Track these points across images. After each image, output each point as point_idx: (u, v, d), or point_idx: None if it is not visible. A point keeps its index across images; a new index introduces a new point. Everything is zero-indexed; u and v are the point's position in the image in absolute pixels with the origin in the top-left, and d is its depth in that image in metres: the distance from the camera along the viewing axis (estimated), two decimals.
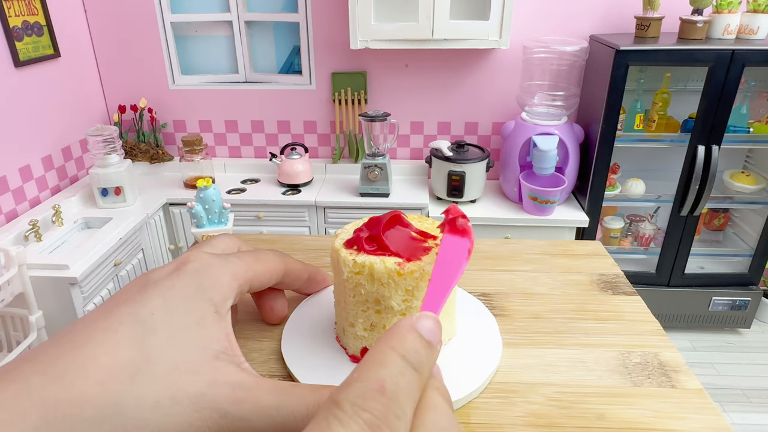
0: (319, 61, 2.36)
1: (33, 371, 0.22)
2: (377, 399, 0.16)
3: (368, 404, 0.16)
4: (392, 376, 0.17)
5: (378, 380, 0.17)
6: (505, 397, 0.37)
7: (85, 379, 0.23)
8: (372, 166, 2.13)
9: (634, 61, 1.94)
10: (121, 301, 0.27)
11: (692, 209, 2.14)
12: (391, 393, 0.16)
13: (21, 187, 2.02)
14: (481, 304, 0.47)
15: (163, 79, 2.45)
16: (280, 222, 2.22)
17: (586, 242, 0.61)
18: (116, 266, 1.84)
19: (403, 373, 0.17)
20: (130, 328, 0.25)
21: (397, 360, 0.18)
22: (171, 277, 0.28)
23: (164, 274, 0.28)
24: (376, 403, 0.16)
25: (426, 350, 0.19)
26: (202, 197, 1.05)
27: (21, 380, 0.22)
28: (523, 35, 2.22)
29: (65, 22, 2.22)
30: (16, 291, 1.52)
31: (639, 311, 0.48)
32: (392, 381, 0.17)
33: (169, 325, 0.26)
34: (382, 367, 0.17)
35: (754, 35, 1.97)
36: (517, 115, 2.28)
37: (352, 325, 0.40)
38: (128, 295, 0.27)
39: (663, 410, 0.36)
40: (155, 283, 0.27)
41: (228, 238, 0.37)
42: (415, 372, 0.18)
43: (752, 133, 2.16)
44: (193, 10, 2.37)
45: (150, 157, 2.43)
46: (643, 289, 2.27)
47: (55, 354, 0.23)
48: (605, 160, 2.10)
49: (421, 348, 0.18)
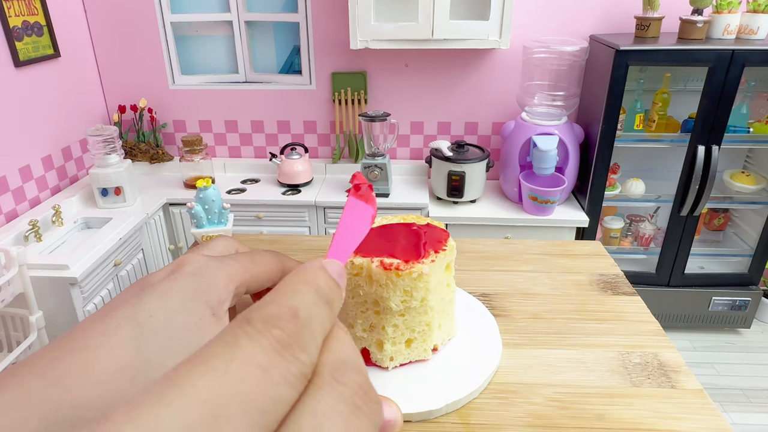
0: (319, 61, 2.36)
1: (32, 375, 0.22)
2: (290, 320, 0.16)
3: (281, 323, 0.16)
4: (305, 305, 0.17)
5: (291, 306, 0.17)
6: (505, 398, 0.37)
7: (85, 382, 0.23)
8: (372, 166, 2.13)
9: (634, 61, 1.94)
10: (118, 304, 0.27)
11: (692, 209, 2.14)
12: (305, 318, 0.16)
13: (21, 187, 2.02)
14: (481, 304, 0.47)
15: (163, 79, 2.45)
16: (280, 222, 2.22)
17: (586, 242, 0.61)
18: (116, 266, 1.84)
19: (316, 303, 0.17)
20: (128, 330, 0.25)
21: (311, 292, 0.18)
22: (168, 280, 0.28)
23: (161, 277, 0.28)
24: (289, 324, 0.16)
25: (336, 289, 0.19)
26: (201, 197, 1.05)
27: (20, 385, 0.22)
28: (523, 35, 2.22)
29: (65, 22, 2.22)
30: (16, 291, 1.52)
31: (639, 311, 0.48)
32: (305, 309, 0.17)
33: (167, 327, 0.26)
34: (296, 296, 0.17)
35: (754, 35, 1.97)
36: (517, 115, 2.28)
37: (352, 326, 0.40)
38: (125, 299, 0.27)
39: (663, 411, 0.36)
40: (152, 286, 0.27)
41: (225, 240, 0.37)
42: (327, 305, 0.18)
43: (752, 133, 2.16)
44: (193, 10, 2.37)
45: (150, 157, 2.43)
46: (643, 289, 2.27)
47: (53, 358, 0.23)
48: (605, 160, 2.10)
49: (332, 285, 0.19)
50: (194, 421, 0.12)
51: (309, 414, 0.14)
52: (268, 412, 0.14)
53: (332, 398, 0.15)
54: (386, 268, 0.51)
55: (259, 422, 0.13)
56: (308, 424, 0.14)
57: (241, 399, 0.13)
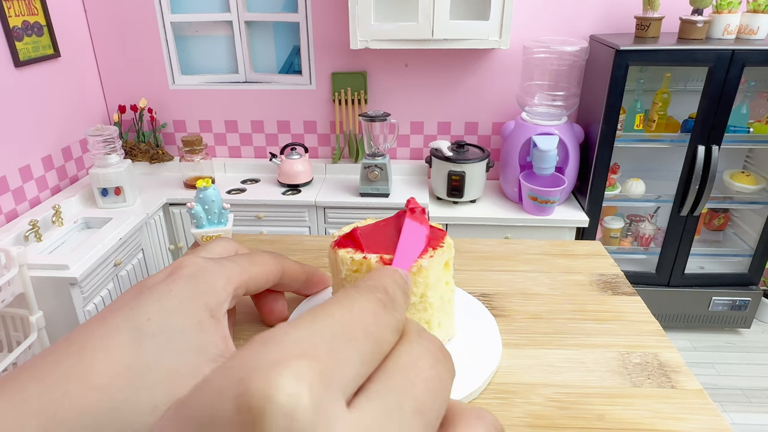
0: (319, 61, 2.36)
1: (30, 380, 0.22)
2: (384, 292, 0.20)
3: (379, 292, 0.20)
4: (391, 285, 0.21)
5: (383, 283, 0.21)
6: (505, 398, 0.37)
7: (83, 385, 0.23)
8: (372, 166, 2.13)
9: (634, 61, 1.94)
10: (117, 307, 0.27)
11: (692, 209, 2.14)
12: (392, 293, 0.20)
13: (21, 187, 2.02)
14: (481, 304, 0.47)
15: (163, 79, 2.45)
16: (280, 222, 2.22)
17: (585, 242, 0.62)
18: (116, 266, 1.84)
19: (397, 287, 0.21)
20: (126, 333, 0.25)
21: (392, 280, 0.21)
22: (166, 283, 0.28)
23: (159, 280, 0.28)
24: (384, 294, 0.20)
25: (405, 284, 0.22)
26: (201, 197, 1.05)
27: (19, 389, 0.22)
28: (523, 35, 2.22)
29: (65, 22, 2.22)
30: (16, 291, 1.52)
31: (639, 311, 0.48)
32: (392, 287, 0.21)
33: (165, 330, 0.26)
34: (383, 279, 0.21)
35: (754, 35, 1.97)
36: (517, 115, 2.28)
37: None
38: (124, 302, 0.27)
39: (663, 411, 0.36)
40: (151, 289, 0.27)
41: (224, 241, 0.37)
42: (404, 294, 0.21)
43: (752, 133, 2.16)
44: (193, 10, 2.37)
45: (150, 157, 2.43)
46: (643, 289, 2.27)
47: (52, 362, 0.23)
48: (605, 160, 2.10)
49: (403, 280, 0.22)
50: (335, 335, 0.17)
51: (405, 354, 0.18)
52: (379, 343, 0.18)
53: (421, 347, 0.19)
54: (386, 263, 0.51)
55: (372, 349, 0.17)
56: (406, 360, 0.18)
57: (364, 328, 0.18)
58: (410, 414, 0.16)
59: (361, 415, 0.15)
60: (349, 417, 0.15)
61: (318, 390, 0.15)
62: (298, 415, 0.14)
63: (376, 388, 0.17)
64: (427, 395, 0.17)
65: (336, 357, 0.16)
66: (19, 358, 1.49)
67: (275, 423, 0.14)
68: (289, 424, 0.14)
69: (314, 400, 0.14)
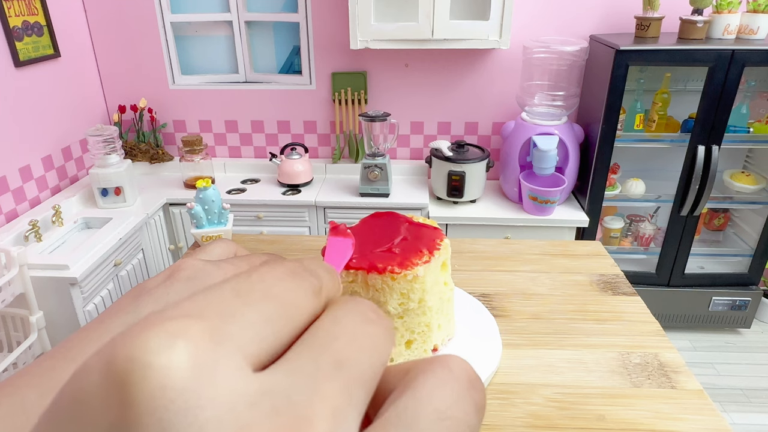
0: (319, 61, 2.36)
1: (28, 385, 0.22)
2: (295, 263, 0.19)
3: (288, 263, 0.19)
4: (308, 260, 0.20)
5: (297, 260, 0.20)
6: (505, 398, 0.37)
7: None
8: (372, 166, 2.13)
9: (634, 61, 1.94)
10: (114, 312, 0.27)
11: (692, 209, 2.14)
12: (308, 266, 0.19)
13: (21, 187, 2.02)
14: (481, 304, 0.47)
15: (163, 79, 2.45)
16: (280, 222, 2.22)
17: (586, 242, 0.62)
18: (116, 266, 1.84)
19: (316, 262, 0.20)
20: None
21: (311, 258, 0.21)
22: (164, 286, 0.28)
23: (157, 283, 0.28)
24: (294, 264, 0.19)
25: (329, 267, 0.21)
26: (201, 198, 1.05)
27: (16, 395, 0.22)
28: (523, 35, 2.22)
29: (65, 22, 2.22)
30: (16, 291, 1.52)
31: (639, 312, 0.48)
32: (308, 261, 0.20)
33: None
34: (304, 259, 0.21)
35: (754, 35, 1.97)
36: (517, 115, 2.28)
37: None
38: (121, 306, 0.27)
39: (663, 411, 0.36)
40: (149, 292, 0.27)
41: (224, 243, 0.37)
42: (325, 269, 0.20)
43: (752, 133, 2.16)
44: (193, 10, 2.37)
45: (150, 157, 2.43)
46: (643, 289, 2.27)
47: (48, 368, 0.23)
48: (605, 160, 2.10)
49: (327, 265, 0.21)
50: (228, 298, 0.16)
51: (329, 316, 0.17)
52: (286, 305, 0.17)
53: (347, 307, 0.18)
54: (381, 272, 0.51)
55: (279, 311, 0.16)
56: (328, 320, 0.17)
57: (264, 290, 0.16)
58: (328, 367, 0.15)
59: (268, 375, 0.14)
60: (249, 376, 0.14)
61: (203, 345, 0.13)
62: (174, 373, 0.12)
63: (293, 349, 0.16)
64: (351, 348, 0.16)
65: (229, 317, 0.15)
66: (19, 358, 1.49)
67: (146, 384, 0.12)
68: (162, 382, 0.12)
69: (197, 357, 0.13)
